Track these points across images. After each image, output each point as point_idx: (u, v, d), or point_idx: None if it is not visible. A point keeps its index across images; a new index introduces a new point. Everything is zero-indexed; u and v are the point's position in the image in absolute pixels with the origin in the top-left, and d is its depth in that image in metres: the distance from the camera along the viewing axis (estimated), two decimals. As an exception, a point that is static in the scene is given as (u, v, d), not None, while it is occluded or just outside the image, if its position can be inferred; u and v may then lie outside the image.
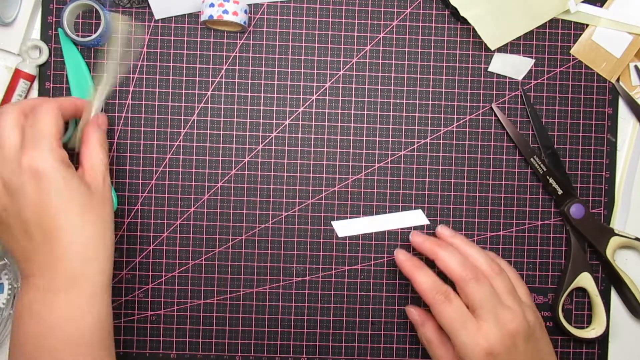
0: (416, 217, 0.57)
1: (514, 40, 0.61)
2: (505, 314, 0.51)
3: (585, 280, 0.59)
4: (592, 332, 0.59)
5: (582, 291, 0.61)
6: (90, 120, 0.54)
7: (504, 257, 0.61)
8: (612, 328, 0.61)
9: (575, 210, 0.59)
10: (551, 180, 0.59)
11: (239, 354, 0.60)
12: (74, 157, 0.56)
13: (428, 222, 0.60)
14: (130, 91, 0.60)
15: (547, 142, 0.60)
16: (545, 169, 0.59)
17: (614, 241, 0.59)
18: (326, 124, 0.60)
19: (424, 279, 0.54)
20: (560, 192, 0.59)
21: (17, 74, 0.58)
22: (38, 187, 0.46)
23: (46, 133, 0.48)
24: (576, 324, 0.61)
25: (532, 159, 0.59)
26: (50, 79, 0.59)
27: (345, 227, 0.59)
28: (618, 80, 0.61)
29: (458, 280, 0.52)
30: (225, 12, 0.56)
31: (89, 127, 0.53)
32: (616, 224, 0.61)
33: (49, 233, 0.47)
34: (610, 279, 0.61)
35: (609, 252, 0.59)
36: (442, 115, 0.61)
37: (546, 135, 0.60)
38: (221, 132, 0.60)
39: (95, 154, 0.52)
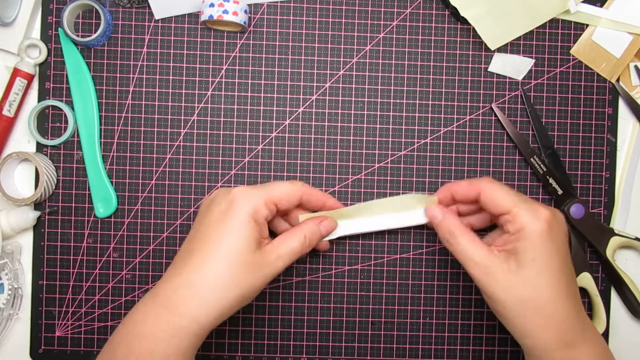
0: (416, 217, 0.57)
1: (514, 40, 0.61)
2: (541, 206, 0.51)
3: (585, 280, 0.59)
4: None
5: (582, 291, 0.61)
6: (319, 219, 0.55)
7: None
8: (612, 328, 0.61)
9: (575, 210, 0.59)
10: (551, 181, 0.59)
11: (239, 354, 0.60)
12: (67, 157, 0.56)
13: (425, 221, 0.60)
14: (130, 91, 0.60)
15: (547, 142, 0.60)
16: (545, 169, 0.59)
17: (614, 241, 0.59)
18: (326, 124, 0.60)
19: (463, 180, 0.54)
20: (560, 192, 0.59)
21: (15, 73, 0.58)
22: (220, 212, 0.50)
23: (267, 193, 0.51)
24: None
25: (532, 159, 0.59)
26: (50, 79, 0.59)
27: (345, 227, 0.59)
28: (618, 80, 0.61)
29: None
30: (225, 12, 0.56)
31: (312, 220, 0.54)
32: (616, 223, 0.61)
33: (193, 256, 0.49)
34: (610, 279, 0.61)
35: (609, 252, 0.59)
36: (442, 115, 0.61)
37: (546, 135, 0.60)
38: (221, 132, 0.60)
39: (292, 242, 0.51)
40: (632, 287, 0.59)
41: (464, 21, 0.60)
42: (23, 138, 0.60)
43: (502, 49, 0.61)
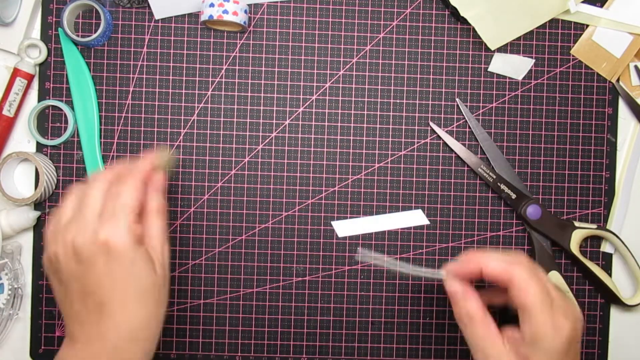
0: (416, 217, 0.57)
1: (514, 40, 0.61)
2: (570, 308, 0.48)
3: (554, 278, 0.59)
4: None
5: None
6: (149, 184, 0.52)
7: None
8: (612, 327, 0.61)
9: (532, 211, 0.59)
10: (502, 187, 0.59)
11: (239, 354, 0.60)
12: (69, 156, 0.56)
13: (428, 222, 0.60)
14: (130, 91, 0.60)
15: (491, 151, 0.60)
16: (494, 177, 0.59)
17: (576, 234, 0.59)
18: (326, 124, 0.60)
19: (498, 256, 0.49)
20: (513, 196, 0.59)
21: (15, 73, 0.58)
22: (107, 262, 0.46)
23: (126, 209, 0.47)
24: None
25: (479, 169, 0.59)
26: (50, 79, 0.59)
27: (345, 227, 0.59)
28: (618, 80, 0.61)
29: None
30: (225, 12, 0.56)
31: (148, 188, 0.52)
32: (614, 223, 0.61)
33: (105, 307, 0.46)
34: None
35: (573, 247, 0.59)
36: (442, 116, 0.61)
37: (491, 144, 0.60)
38: (221, 132, 0.60)
39: (155, 222, 0.51)
40: (602, 276, 0.59)
41: (464, 21, 0.60)
42: (23, 138, 0.60)
43: (502, 49, 0.61)
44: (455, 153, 0.60)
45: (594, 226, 0.59)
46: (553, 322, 0.46)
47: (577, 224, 0.59)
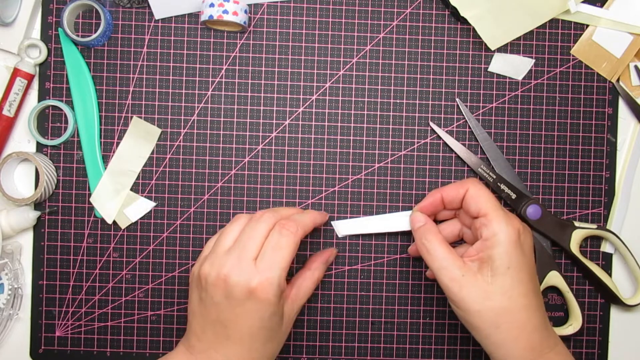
0: (403, 223, 0.58)
1: (514, 40, 0.61)
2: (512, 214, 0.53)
3: (555, 278, 0.59)
4: (569, 328, 0.59)
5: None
6: (324, 252, 0.57)
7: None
8: (612, 327, 0.61)
9: (533, 211, 0.59)
10: (503, 187, 0.59)
11: (239, 354, 0.60)
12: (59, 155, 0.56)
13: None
14: (130, 91, 0.60)
15: (492, 151, 0.60)
16: (494, 177, 0.59)
17: (576, 234, 0.59)
18: (326, 124, 0.60)
19: (453, 183, 0.56)
20: (513, 196, 0.59)
21: (15, 73, 0.58)
22: (250, 307, 0.49)
23: (284, 264, 0.50)
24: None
25: (479, 169, 0.59)
26: (50, 79, 0.59)
27: (345, 227, 0.59)
28: (618, 80, 0.61)
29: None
30: (225, 12, 0.56)
31: (319, 257, 0.57)
32: (614, 223, 0.61)
33: (231, 341, 0.50)
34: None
35: (573, 247, 0.59)
36: (442, 116, 0.61)
37: (492, 145, 0.60)
38: (221, 132, 0.60)
39: (309, 287, 0.54)
40: (602, 276, 0.59)
41: (464, 21, 0.60)
42: (23, 138, 0.60)
43: (502, 49, 0.61)
44: (455, 153, 0.60)
45: (594, 226, 0.59)
46: (504, 217, 0.51)
47: (577, 224, 0.59)
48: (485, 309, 0.50)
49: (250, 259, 0.49)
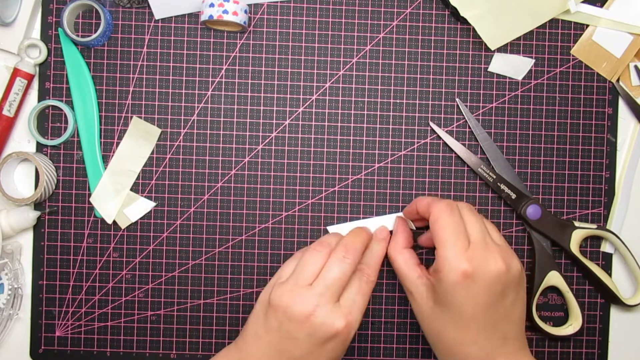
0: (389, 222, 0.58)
1: (514, 40, 0.61)
2: (495, 249, 0.51)
3: (554, 278, 0.59)
4: (569, 328, 0.59)
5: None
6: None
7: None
8: (612, 327, 0.61)
9: (532, 211, 0.59)
10: (502, 187, 0.59)
11: (239, 354, 0.60)
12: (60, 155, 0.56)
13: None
14: (130, 91, 0.60)
15: (491, 151, 0.60)
16: (494, 177, 0.59)
17: (576, 234, 0.59)
18: (326, 124, 0.60)
19: (430, 196, 0.56)
20: (513, 196, 0.59)
21: (15, 73, 0.58)
22: (328, 345, 0.50)
23: (364, 309, 0.52)
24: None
25: (479, 169, 0.59)
26: (50, 79, 0.59)
27: (341, 231, 0.59)
28: (618, 80, 0.61)
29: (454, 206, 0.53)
30: (225, 12, 0.56)
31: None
32: (614, 223, 0.61)
33: None
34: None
35: (573, 247, 0.59)
36: (442, 116, 0.61)
37: (491, 145, 0.60)
38: (221, 132, 0.60)
39: (363, 303, 0.53)
40: (602, 276, 0.59)
41: (464, 21, 0.60)
42: (23, 138, 0.60)
43: (502, 49, 0.61)
44: (455, 153, 0.60)
45: (594, 226, 0.59)
46: (450, 258, 0.50)
47: (577, 224, 0.59)
48: (425, 326, 0.54)
49: (335, 300, 0.50)
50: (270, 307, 0.50)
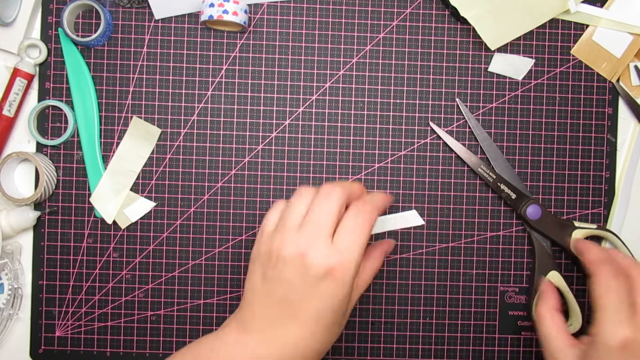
0: (411, 218, 0.57)
1: (514, 40, 0.61)
2: None
3: (554, 278, 0.59)
4: (570, 328, 0.59)
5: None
6: (383, 243, 0.54)
7: (504, 256, 0.61)
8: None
9: (532, 211, 0.59)
10: (502, 187, 0.59)
11: (239, 354, 0.60)
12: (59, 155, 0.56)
13: (423, 222, 0.60)
14: (130, 91, 0.60)
15: (491, 151, 0.60)
16: (494, 177, 0.59)
17: (576, 235, 0.59)
18: (326, 124, 0.60)
19: (596, 250, 0.54)
20: (513, 196, 0.59)
21: (15, 73, 0.58)
22: (322, 285, 0.46)
23: (362, 247, 0.47)
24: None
25: (479, 169, 0.59)
26: (50, 79, 0.59)
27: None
28: (618, 80, 0.61)
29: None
30: (225, 12, 0.56)
31: (379, 247, 0.53)
32: (614, 223, 0.61)
33: (295, 319, 0.47)
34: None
35: (573, 247, 0.59)
36: (442, 116, 0.61)
37: (490, 142, 0.60)
38: (221, 132, 0.60)
39: (369, 276, 0.51)
40: None
41: (464, 21, 0.60)
42: (23, 138, 0.60)
43: (502, 49, 0.61)
44: (455, 153, 0.60)
45: (594, 226, 0.59)
46: (613, 321, 0.47)
47: (577, 223, 0.59)
48: None
49: (327, 237, 0.47)
50: (262, 257, 0.49)
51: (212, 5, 0.56)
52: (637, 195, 0.62)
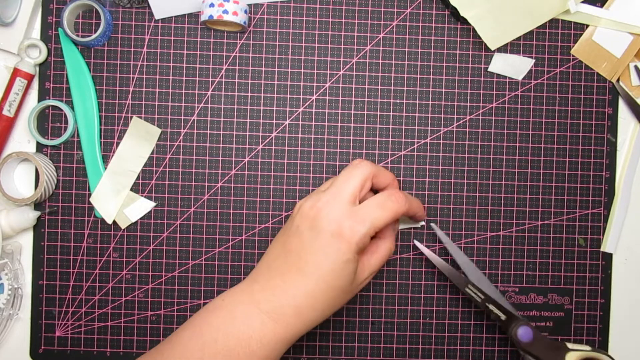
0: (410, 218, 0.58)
1: (514, 40, 0.61)
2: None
3: None
4: None
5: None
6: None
7: (504, 256, 0.61)
8: (611, 330, 0.61)
9: (523, 333, 0.56)
10: (492, 307, 0.57)
11: (239, 354, 0.60)
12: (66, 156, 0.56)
13: (423, 223, 0.60)
14: (130, 91, 0.60)
15: (473, 273, 0.58)
16: (483, 297, 0.57)
17: (570, 357, 0.55)
18: (326, 124, 0.60)
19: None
20: (503, 317, 0.57)
21: (15, 73, 0.58)
22: (329, 241, 0.49)
23: (378, 223, 0.50)
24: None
25: (467, 289, 0.57)
26: (50, 79, 0.59)
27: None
28: (618, 80, 0.61)
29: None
30: (225, 12, 0.56)
31: (389, 226, 0.54)
32: (614, 223, 0.61)
33: (300, 271, 0.49)
34: None
35: None
36: (442, 115, 0.61)
37: (473, 266, 0.59)
38: (221, 132, 0.60)
39: (382, 256, 0.53)
40: None
41: (464, 21, 0.60)
42: (23, 138, 0.60)
43: (502, 49, 0.61)
44: (438, 269, 0.59)
45: (588, 348, 0.56)
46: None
47: (570, 345, 0.56)
48: None
49: (344, 201, 0.50)
50: (290, 218, 0.52)
51: (212, 5, 0.56)
52: (637, 195, 0.62)
